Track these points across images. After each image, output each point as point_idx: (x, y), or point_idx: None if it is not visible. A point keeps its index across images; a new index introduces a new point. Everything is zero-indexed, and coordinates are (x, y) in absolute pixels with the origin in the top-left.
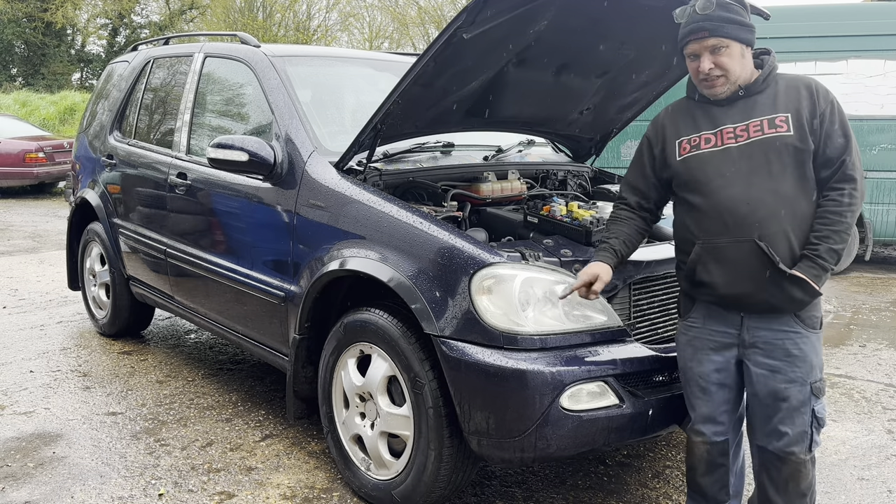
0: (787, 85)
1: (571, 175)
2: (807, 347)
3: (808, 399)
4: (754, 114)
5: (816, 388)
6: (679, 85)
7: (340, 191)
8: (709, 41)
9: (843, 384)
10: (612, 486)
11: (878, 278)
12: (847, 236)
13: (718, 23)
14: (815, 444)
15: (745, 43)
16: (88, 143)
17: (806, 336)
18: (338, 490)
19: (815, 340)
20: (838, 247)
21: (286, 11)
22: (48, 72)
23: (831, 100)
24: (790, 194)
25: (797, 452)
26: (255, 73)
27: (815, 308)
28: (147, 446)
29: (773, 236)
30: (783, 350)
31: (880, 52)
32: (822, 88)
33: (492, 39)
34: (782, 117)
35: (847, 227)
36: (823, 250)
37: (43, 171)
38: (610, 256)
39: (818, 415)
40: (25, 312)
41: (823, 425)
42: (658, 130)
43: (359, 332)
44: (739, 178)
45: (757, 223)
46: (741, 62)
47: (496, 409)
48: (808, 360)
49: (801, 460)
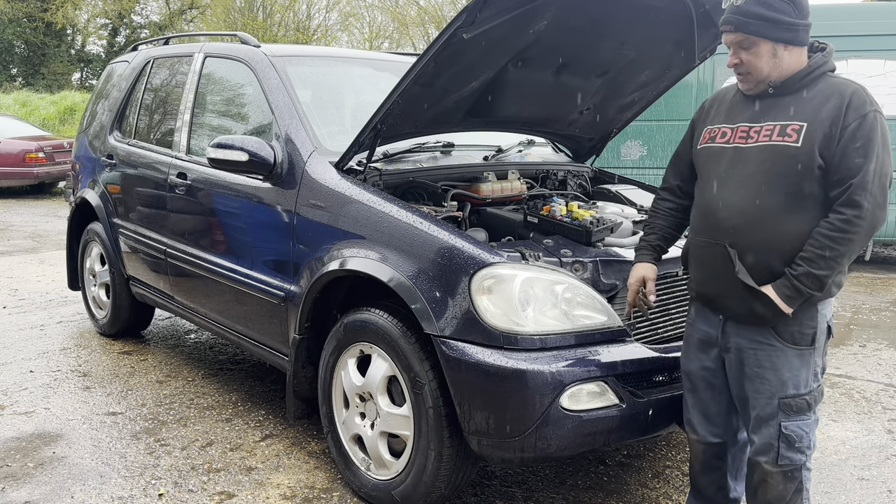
0: (825, 90)
1: (571, 175)
2: (779, 362)
3: (774, 413)
4: (772, 116)
5: (785, 405)
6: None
7: (340, 191)
8: (733, 36)
9: (843, 384)
10: (612, 486)
11: (878, 278)
12: (836, 265)
13: (745, 18)
14: (782, 459)
15: (779, 41)
16: (88, 143)
17: (780, 350)
18: (338, 490)
19: (793, 356)
20: (821, 273)
21: (286, 11)
22: (48, 72)
23: (864, 113)
24: (776, 209)
25: (762, 462)
26: (255, 73)
27: (798, 323)
28: (147, 446)
29: (747, 247)
30: (754, 360)
31: (880, 52)
32: (857, 100)
33: (492, 39)
34: (796, 126)
35: (837, 255)
36: (802, 272)
37: (43, 171)
38: (649, 254)
39: (786, 432)
40: (25, 312)
41: (797, 444)
42: (701, 112)
43: (359, 332)
44: (730, 181)
45: (731, 230)
46: (771, 61)
47: (496, 409)
48: (779, 376)
49: (767, 471)
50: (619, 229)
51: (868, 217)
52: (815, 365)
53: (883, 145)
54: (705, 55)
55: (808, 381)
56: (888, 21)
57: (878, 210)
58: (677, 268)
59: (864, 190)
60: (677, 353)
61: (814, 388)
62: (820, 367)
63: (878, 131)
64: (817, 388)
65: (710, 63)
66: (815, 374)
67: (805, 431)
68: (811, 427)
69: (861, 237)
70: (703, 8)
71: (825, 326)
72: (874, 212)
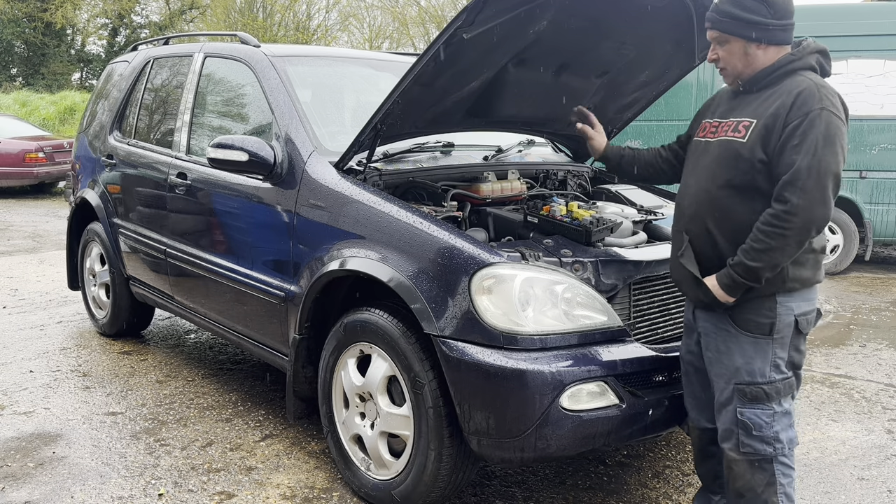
0: (782, 88)
1: (571, 175)
2: (734, 347)
3: (731, 399)
4: (734, 113)
5: (740, 391)
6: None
7: (340, 191)
8: (711, 33)
9: (843, 384)
10: (612, 486)
11: (878, 278)
12: (768, 258)
13: (719, 17)
14: (744, 446)
15: (750, 40)
16: (88, 143)
17: (734, 336)
18: (338, 490)
19: (747, 343)
20: (754, 264)
21: (286, 11)
22: (48, 72)
23: (807, 112)
24: (725, 200)
25: (726, 448)
26: (255, 73)
27: (753, 312)
28: (147, 446)
29: (698, 235)
30: (714, 344)
31: (880, 52)
32: (804, 98)
33: (492, 39)
34: (746, 122)
35: (768, 248)
36: (737, 262)
37: (43, 171)
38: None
39: (742, 418)
40: (25, 312)
41: (756, 433)
42: (707, 104)
43: (359, 332)
44: (694, 173)
45: (688, 217)
46: (744, 58)
47: (496, 409)
48: (733, 361)
49: (731, 457)
50: (619, 229)
51: (799, 212)
52: (774, 356)
53: (824, 142)
54: (705, 55)
55: (764, 370)
56: (888, 21)
57: (814, 206)
58: None
59: (793, 186)
60: (677, 353)
61: (775, 379)
62: (784, 360)
63: (818, 129)
64: (782, 381)
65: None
66: (774, 365)
67: (764, 421)
68: (775, 419)
69: (794, 233)
70: (703, 8)
71: (791, 320)
72: (808, 207)
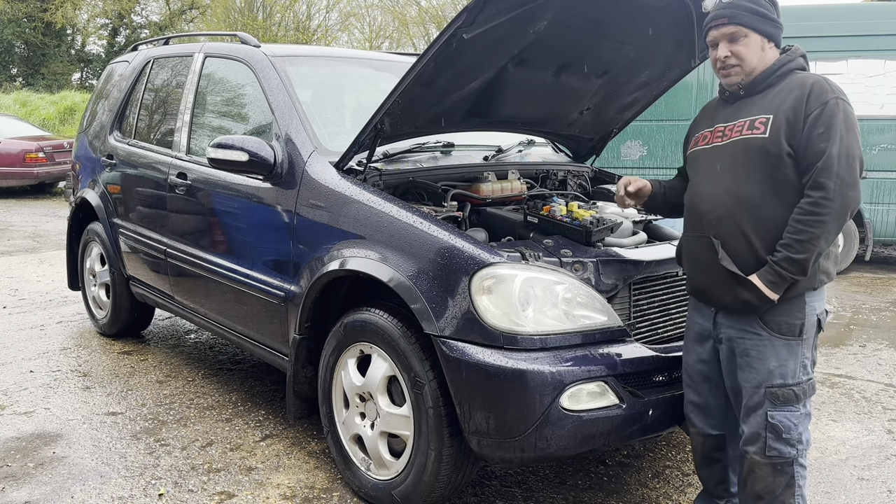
0: (789, 84)
1: (571, 175)
2: (766, 351)
3: (761, 402)
4: (743, 114)
5: (772, 395)
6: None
7: (340, 191)
8: (727, 28)
9: (843, 384)
10: (612, 486)
11: (878, 278)
12: (812, 247)
13: (738, 11)
14: (770, 450)
15: (766, 36)
16: (88, 143)
17: (767, 340)
18: (338, 490)
19: (780, 346)
20: (799, 256)
21: (286, 11)
22: (48, 72)
23: (826, 101)
24: (754, 197)
25: (750, 452)
26: (255, 73)
27: (785, 313)
28: (147, 446)
29: (730, 236)
30: (743, 349)
31: (880, 52)
32: (818, 89)
33: (492, 39)
34: (763, 119)
35: (812, 238)
36: (781, 258)
37: (43, 171)
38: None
39: (773, 421)
40: (25, 312)
41: (785, 435)
42: (693, 123)
43: (359, 332)
44: (711, 177)
45: (714, 221)
46: (760, 55)
47: (496, 409)
48: (766, 365)
49: (755, 461)
50: (619, 229)
51: (836, 197)
52: (803, 356)
53: (847, 128)
54: (705, 55)
55: (795, 371)
56: (888, 21)
57: (847, 190)
58: (677, 268)
59: (828, 172)
60: (677, 353)
61: (802, 380)
62: (810, 360)
63: (839, 116)
64: (807, 381)
65: (710, 63)
66: (803, 366)
67: (793, 423)
68: (801, 420)
69: (833, 218)
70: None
71: (814, 319)
72: (843, 192)
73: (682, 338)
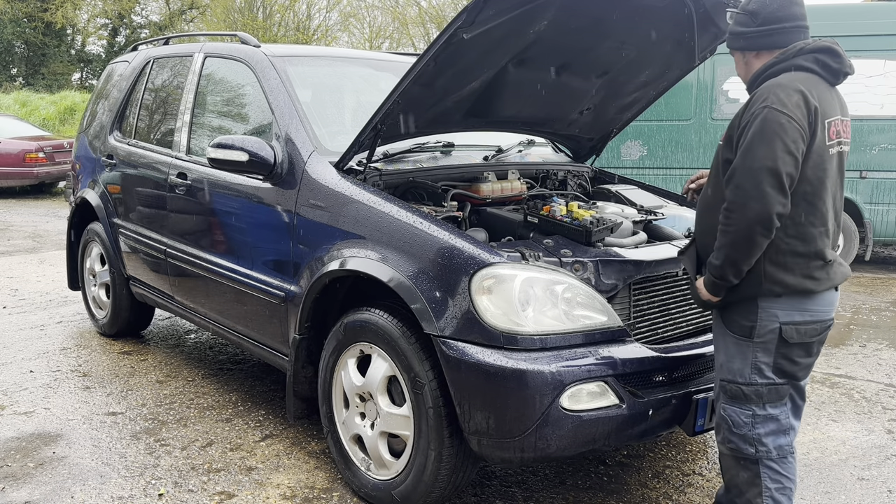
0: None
1: (571, 175)
2: (720, 345)
3: (718, 393)
4: None
5: (722, 387)
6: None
7: (340, 191)
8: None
9: (843, 384)
10: (612, 486)
11: (878, 278)
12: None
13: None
14: (727, 441)
15: (739, 49)
16: (88, 143)
17: (722, 334)
18: (338, 490)
19: (731, 343)
20: (716, 262)
21: (286, 11)
22: (48, 72)
23: (754, 112)
24: (710, 201)
25: (718, 440)
26: (255, 73)
27: (737, 313)
28: (147, 446)
29: (701, 236)
30: (714, 339)
31: (880, 52)
32: (757, 97)
33: (492, 39)
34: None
35: (722, 245)
36: (708, 262)
37: (43, 171)
38: None
39: (723, 413)
40: (25, 312)
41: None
42: None
43: (359, 332)
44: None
45: (696, 222)
46: (744, 69)
47: (496, 409)
48: (719, 358)
49: (720, 450)
50: (619, 229)
51: (735, 209)
52: (755, 359)
53: (760, 139)
54: (705, 55)
55: (743, 371)
56: (888, 21)
57: (749, 201)
58: (677, 268)
59: (731, 183)
60: (677, 353)
61: (758, 382)
62: (769, 366)
63: (756, 126)
64: (764, 385)
65: (710, 63)
66: (756, 369)
67: (743, 420)
68: (756, 420)
69: (734, 229)
70: (703, 8)
71: (775, 327)
72: (743, 203)
73: (682, 338)
